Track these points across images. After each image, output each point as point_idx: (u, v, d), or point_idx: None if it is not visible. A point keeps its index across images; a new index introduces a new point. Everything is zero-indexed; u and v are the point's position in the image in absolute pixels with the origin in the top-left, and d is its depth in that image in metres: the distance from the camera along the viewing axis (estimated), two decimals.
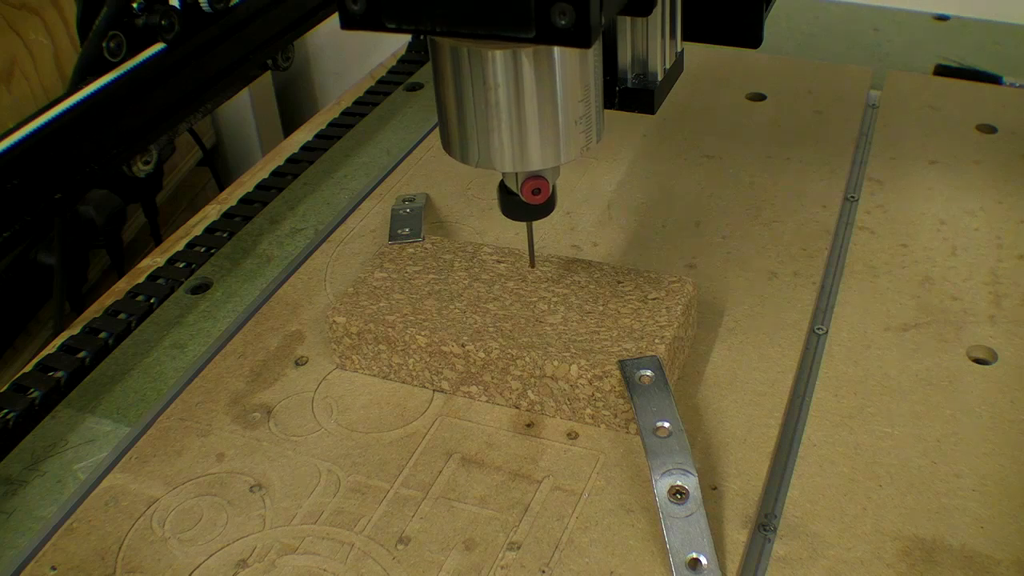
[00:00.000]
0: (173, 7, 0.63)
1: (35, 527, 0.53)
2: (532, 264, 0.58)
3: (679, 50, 0.53)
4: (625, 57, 0.50)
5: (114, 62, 0.61)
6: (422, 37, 0.95)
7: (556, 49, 0.44)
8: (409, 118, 0.89)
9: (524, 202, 0.51)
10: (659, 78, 0.50)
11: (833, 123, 0.81)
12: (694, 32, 0.52)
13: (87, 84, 0.60)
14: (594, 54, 0.47)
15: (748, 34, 0.52)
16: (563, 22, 0.39)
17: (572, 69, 0.46)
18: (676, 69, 0.53)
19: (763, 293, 0.63)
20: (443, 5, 0.41)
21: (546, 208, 0.52)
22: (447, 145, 0.49)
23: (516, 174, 0.51)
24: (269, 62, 0.74)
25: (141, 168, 0.64)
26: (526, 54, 0.45)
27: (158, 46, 0.63)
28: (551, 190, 0.52)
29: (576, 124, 0.47)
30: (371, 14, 0.42)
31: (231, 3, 0.67)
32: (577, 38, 0.40)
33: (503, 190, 0.53)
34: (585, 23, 0.39)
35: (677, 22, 0.51)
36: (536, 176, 0.50)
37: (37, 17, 1.07)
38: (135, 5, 0.61)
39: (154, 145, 0.65)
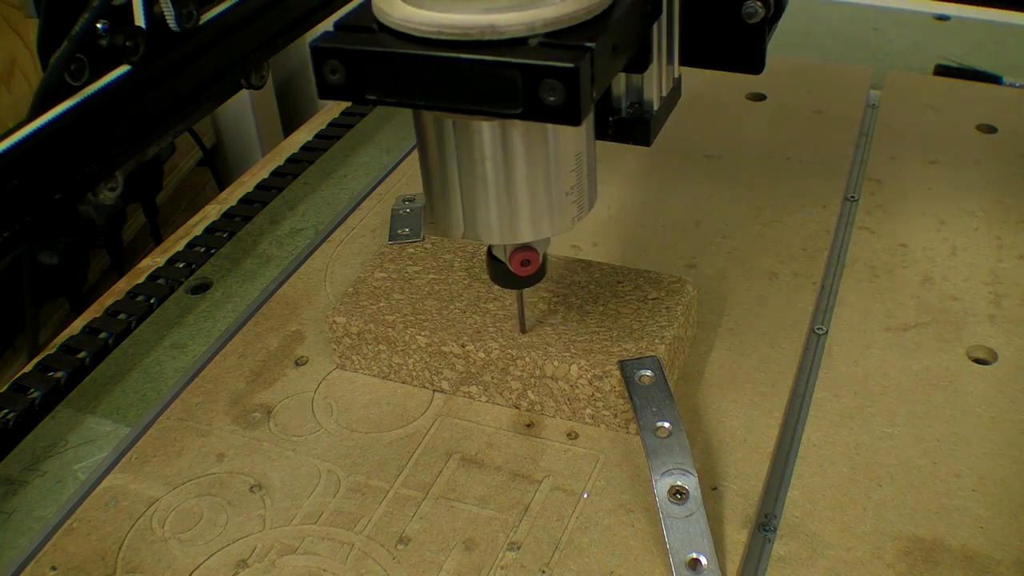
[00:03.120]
0: (139, 27, 0.59)
1: (35, 527, 0.53)
2: (523, 330, 0.56)
3: (676, 76, 0.50)
4: (619, 86, 0.48)
5: (76, 86, 0.58)
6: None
7: None
8: (409, 118, 0.89)
9: (513, 272, 0.50)
10: (655, 107, 0.48)
11: (833, 123, 0.81)
12: (692, 57, 0.50)
13: (47, 110, 0.57)
14: (586, 123, 0.45)
15: (749, 60, 0.49)
16: (552, 99, 0.37)
17: (564, 140, 0.44)
18: (673, 96, 0.50)
19: (763, 293, 0.63)
20: (427, 79, 0.39)
21: (536, 277, 0.51)
22: (430, 213, 0.47)
23: (505, 245, 0.49)
24: (242, 80, 0.71)
25: (107, 195, 0.61)
26: (514, 126, 0.42)
27: (123, 68, 0.60)
28: (541, 260, 0.50)
29: (567, 195, 0.45)
30: (351, 85, 0.40)
31: (200, 22, 0.64)
32: (567, 116, 0.37)
33: (491, 258, 0.51)
34: (575, 101, 0.37)
35: (675, 48, 0.49)
36: (526, 248, 0.49)
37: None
38: (99, 26, 0.58)
39: (120, 171, 0.62)
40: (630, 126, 0.48)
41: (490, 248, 0.51)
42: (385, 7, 0.40)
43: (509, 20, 0.38)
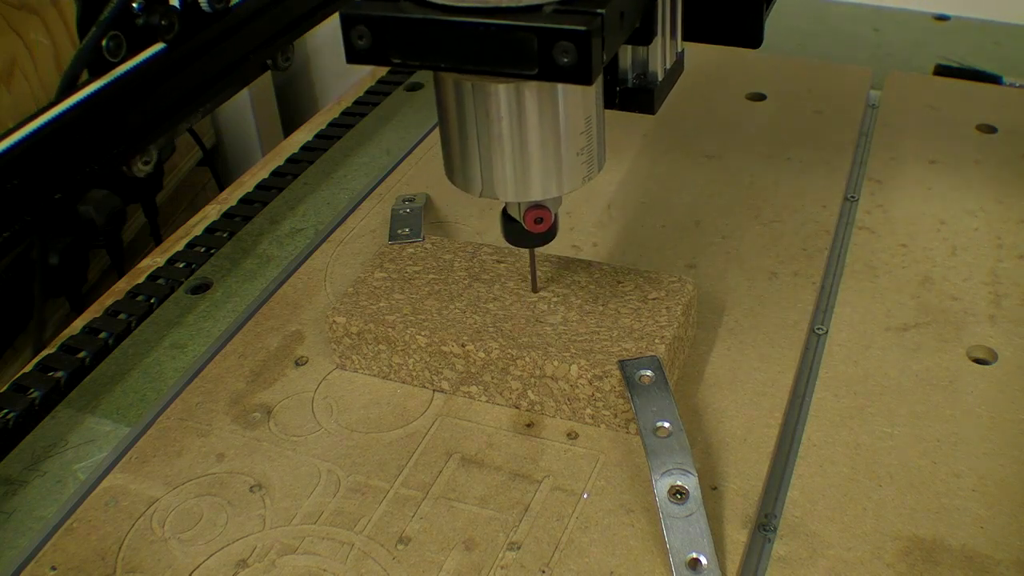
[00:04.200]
0: (173, 7, 0.63)
1: (35, 527, 0.53)
2: (535, 289, 0.58)
3: (679, 50, 0.53)
4: (625, 58, 0.50)
5: (114, 62, 0.61)
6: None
7: (559, 83, 0.45)
8: (409, 118, 0.89)
9: (527, 230, 0.52)
10: (659, 78, 0.51)
11: (833, 123, 0.81)
12: (694, 32, 0.53)
13: (83, 80, 0.60)
14: (596, 87, 0.48)
15: (748, 34, 0.52)
16: (565, 60, 0.40)
17: (574, 102, 0.47)
18: (676, 69, 0.53)
19: (763, 293, 0.63)
20: (448, 43, 0.42)
21: (548, 236, 0.53)
22: (450, 174, 0.50)
23: (519, 203, 0.52)
24: (269, 62, 0.74)
25: (141, 168, 0.64)
26: (529, 88, 0.45)
27: (158, 46, 0.63)
28: (553, 218, 0.52)
29: (578, 156, 0.48)
30: (377, 50, 0.43)
31: (231, 3, 0.67)
32: (579, 76, 0.41)
33: (506, 217, 0.53)
34: (587, 62, 0.40)
35: (677, 22, 0.52)
36: (538, 206, 0.51)
37: (37, 17, 1.07)
38: (135, 5, 0.61)
39: (153, 145, 0.65)
40: (635, 95, 0.51)
41: (504, 208, 0.53)
42: None
43: None
